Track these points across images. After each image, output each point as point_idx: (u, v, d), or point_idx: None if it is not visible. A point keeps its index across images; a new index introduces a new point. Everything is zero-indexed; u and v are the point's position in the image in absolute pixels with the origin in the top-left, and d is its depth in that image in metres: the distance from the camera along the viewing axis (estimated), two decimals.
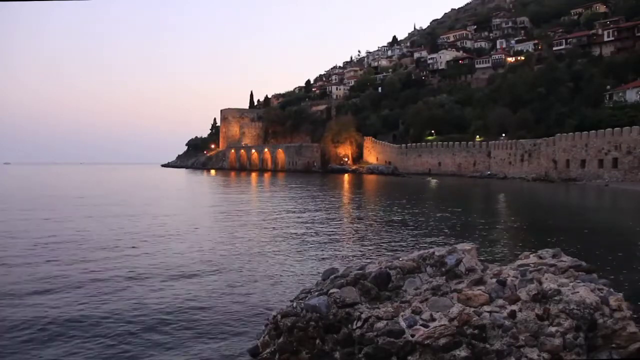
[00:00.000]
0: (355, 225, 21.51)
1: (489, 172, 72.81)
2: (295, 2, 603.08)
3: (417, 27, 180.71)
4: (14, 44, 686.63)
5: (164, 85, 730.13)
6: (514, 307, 5.13)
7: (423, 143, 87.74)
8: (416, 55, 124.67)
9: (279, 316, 5.90)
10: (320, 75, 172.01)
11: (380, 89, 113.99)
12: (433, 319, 5.17)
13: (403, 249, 14.89)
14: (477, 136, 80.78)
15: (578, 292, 5.09)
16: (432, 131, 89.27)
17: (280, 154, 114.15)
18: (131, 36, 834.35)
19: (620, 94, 66.58)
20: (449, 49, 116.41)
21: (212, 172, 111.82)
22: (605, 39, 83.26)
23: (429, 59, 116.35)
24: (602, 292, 5.18)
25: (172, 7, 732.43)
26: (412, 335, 5.08)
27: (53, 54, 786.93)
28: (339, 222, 22.91)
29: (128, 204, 31.65)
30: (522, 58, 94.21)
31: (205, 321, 8.26)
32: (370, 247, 15.52)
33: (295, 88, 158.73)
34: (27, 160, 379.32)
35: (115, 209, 27.77)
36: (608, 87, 69.67)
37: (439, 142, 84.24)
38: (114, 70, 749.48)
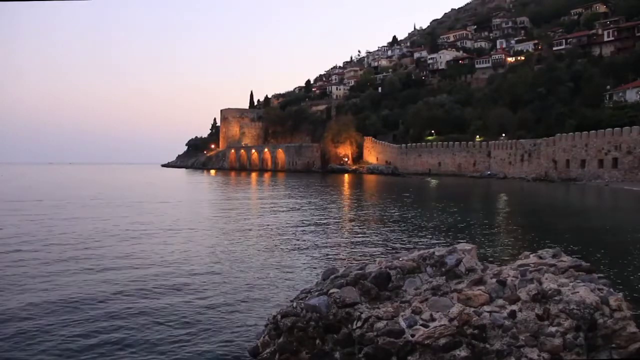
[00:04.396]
0: (355, 225, 21.51)
1: (489, 172, 72.83)
2: (295, 2, 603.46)
3: (417, 27, 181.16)
4: (15, 42, 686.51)
5: (164, 85, 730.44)
6: (514, 307, 5.13)
7: (423, 143, 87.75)
8: (416, 55, 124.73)
9: (279, 316, 5.90)
10: (320, 75, 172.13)
11: (380, 89, 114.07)
12: (433, 319, 5.17)
13: (403, 249, 14.89)
14: (477, 136, 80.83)
15: (578, 292, 5.08)
16: (432, 131, 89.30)
17: (280, 154, 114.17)
18: (130, 36, 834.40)
19: (620, 94, 66.62)
20: (449, 49, 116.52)
21: (212, 172, 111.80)
22: (605, 39, 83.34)
23: (429, 59, 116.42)
24: (602, 292, 5.17)
25: (171, 8, 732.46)
26: (412, 335, 5.09)
27: (52, 53, 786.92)
28: (339, 222, 22.91)
29: (125, 203, 31.65)
30: (522, 58, 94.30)
31: (205, 321, 8.26)
32: (370, 247, 15.52)
33: (295, 88, 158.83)
34: (16, 160, 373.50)
35: (112, 209, 27.79)
36: (608, 87, 69.71)
37: (439, 142, 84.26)
38: (113, 70, 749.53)
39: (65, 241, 16.33)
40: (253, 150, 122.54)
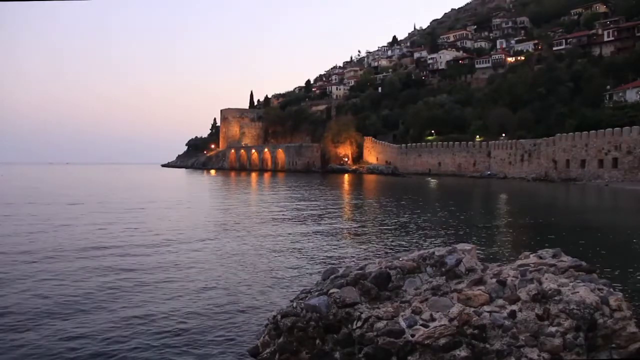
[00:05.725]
0: (355, 225, 21.51)
1: (489, 172, 72.82)
2: (296, 2, 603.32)
3: (417, 27, 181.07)
4: (15, 42, 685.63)
5: (164, 85, 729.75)
6: (514, 307, 5.13)
7: (423, 143, 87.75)
8: (416, 55, 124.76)
9: (279, 316, 5.90)
10: (320, 75, 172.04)
11: (380, 89, 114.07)
12: (433, 319, 5.17)
13: (403, 249, 14.89)
14: (477, 136, 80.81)
15: (578, 292, 5.08)
16: (432, 131, 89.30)
17: (280, 154, 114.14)
18: (130, 36, 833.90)
19: (620, 94, 66.62)
20: (449, 49, 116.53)
21: (212, 172, 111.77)
22: (605, 39, 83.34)
23: (429, 59, 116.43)
24: (602, 292, 5.17)
25: (171, 8, 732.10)
26: (412, 335, 5.09)
27: (53, 53, 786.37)
28: (339, 222, 22.90)
29: (124, 204, 31.63)
30: (522, 58, 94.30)
31: (205, 321, 8.26)
32: (370, 247, 15.52)
33: (295, 88, 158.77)
34: (17, 160, 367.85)
35: (111, 210, 27.78)
36: (608, 87, 69.71)
37: (439, 142, 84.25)
38: (113, 70, 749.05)
39: (64, 242, 16.32)
40: (253, 150, 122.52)
